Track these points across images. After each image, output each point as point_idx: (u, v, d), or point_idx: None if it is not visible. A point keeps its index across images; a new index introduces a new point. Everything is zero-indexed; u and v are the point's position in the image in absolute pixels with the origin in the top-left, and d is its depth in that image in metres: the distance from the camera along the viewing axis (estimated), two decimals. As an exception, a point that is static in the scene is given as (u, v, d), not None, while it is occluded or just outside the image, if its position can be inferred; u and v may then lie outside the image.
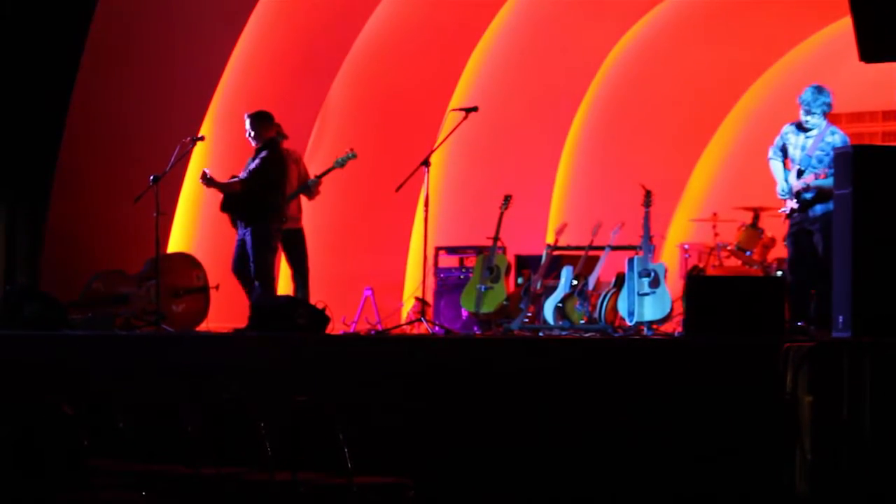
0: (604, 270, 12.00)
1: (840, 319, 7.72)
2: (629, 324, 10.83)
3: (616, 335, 10.49)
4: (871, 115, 14.55)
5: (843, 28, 12.41)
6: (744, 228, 12.37)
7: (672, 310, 10.91)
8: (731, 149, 15.44)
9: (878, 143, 13.92)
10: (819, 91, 9.74)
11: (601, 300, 11.75)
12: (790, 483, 6.89)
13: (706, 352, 7.44)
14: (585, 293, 11.79)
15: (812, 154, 9.71)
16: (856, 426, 6.85)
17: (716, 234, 12.90)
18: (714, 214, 13.11)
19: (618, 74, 15.24)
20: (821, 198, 9.58)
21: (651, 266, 10.88)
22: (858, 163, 7.84)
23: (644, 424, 7.38)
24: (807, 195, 9.68)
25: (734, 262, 12.59)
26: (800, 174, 9.73)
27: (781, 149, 9.93)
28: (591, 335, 10.42)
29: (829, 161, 9.44)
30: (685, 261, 12.74)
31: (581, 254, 12.25)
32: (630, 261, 10.95)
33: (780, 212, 9.97)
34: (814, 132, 9.78)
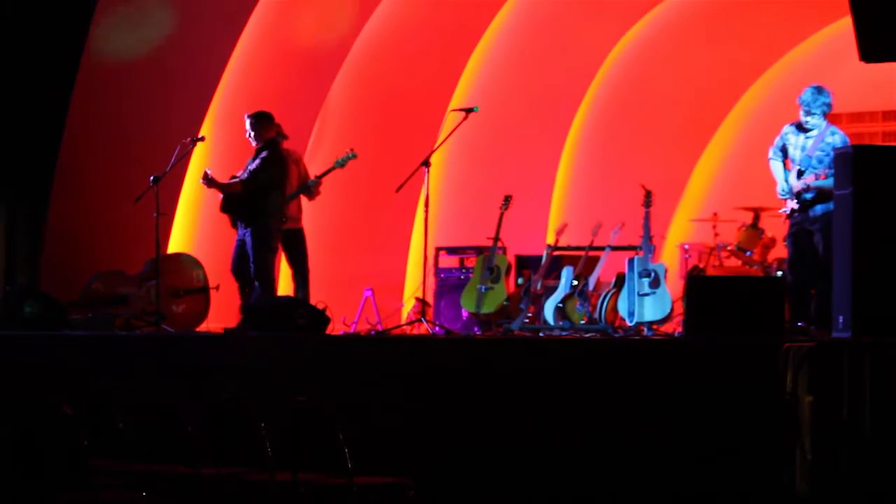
0: (604, 271, 11.99)
1: (840, 319, 7.72)
2: (629, 324, 10.83)
3: (616, 335, 10.49)
4: (872, 116, 14.54)
5: (843, 28, 12.40)
6: (744, 229, 12.37)
7: (672, 310, 10.91)
8: (732, 149, 15.44)
9: (879, 144, 13.92)
10: (819, 91, 9.74)
11: (601, 300, 11.74)
12: (790, 483, 6.89)
13: (706, 352, 7.44)
14: (586, 293, 11.79)
15: (812, 154, 9.71)
16: (856, 426, 6.85)
17: (716, 235, 12.90)
18: (714, 214, 13.11)
19: (618, 74, 15.24)
20: (821, 198, 9.58)
21: (651, 266, 10.88)
22: (858, 163, 7.83)
23: (644, 424, 7.38)
24: (807, 195, 9.68)
25: (734, 263, 12.59)
26: (800, 174, 9.73)
27: (781, 149, 9.93)
28: (592, 335, 10.42)
29: (830, 161, 9.43)
30: (685, 261, 12.74)
31: (581, 254, 12.25)
32: (630, 261, 10.95)
33: (781, 212, 9.97)
34: (814, 132, 9.78)
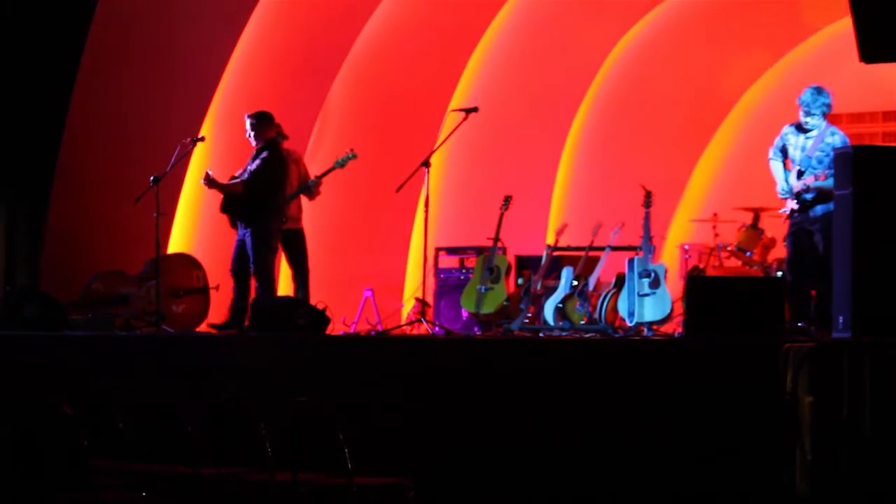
0: (604, 271, 11.99)
1: (840, 319, 7.72)
2: (629, 324, 10.82)
3: (616, 336, 10.49)
4: (872, 116, 14.54)
5: (843, 28, 12.41)
6: (744, 229, 12.37)
7: (672, 310, 10.91)
8: (731, 149, 15.44)
9: (879, 144, 13.92)
10: (818, 92, 9.74)
11: (601, 301, 11.74)
12: (790, 483, 6.89)
13: (706, 352, 7.44)
14: (586, 294, 11.79)
15: (812, 155, 9.71)
16: (856, 426, 6.85)
17: (716, 235, 12.90)
18: (714, 215, 13.11)
19: (618, 74, 15.24)
20: (821, 198, 9.58)
21: (651, 266, 10.88)
22: (858, 163, 7.84)
23: (644, 424, 7.38)
24: (807, 196, 9.68)
25: (734, 263, 12.59)
26: (800, 175, 9.73)
27: (781, 149, 9.93)
28: (592, 336, 10.42)
29: (829, 162, 9.43)
30: (685, 261, 12.74)
31: (581, 254, 12.24)
32: (630, 261, 10.95)
33: (781, 212, 9.97)
34: (814, 133, 9.78)
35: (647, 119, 15.22)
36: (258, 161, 10.84)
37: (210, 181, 10.85)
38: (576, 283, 11.89)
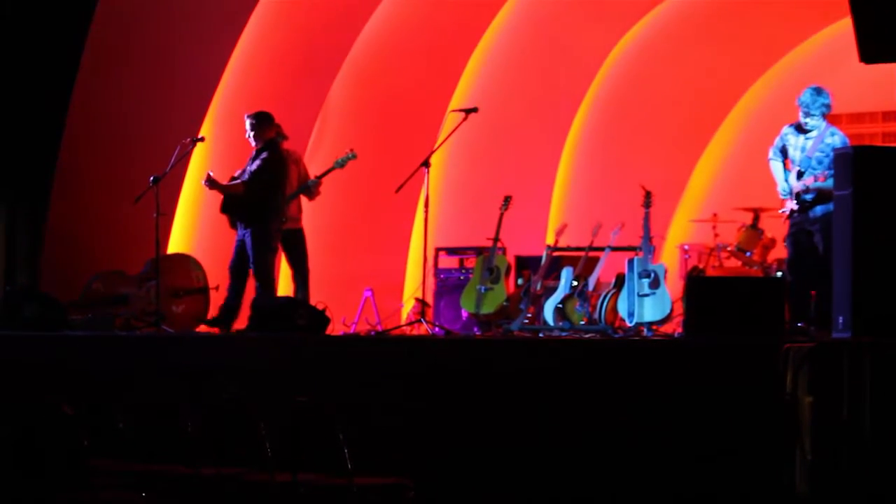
0: (604, 271, 11.99)
1: (840, 320, 7.72)
2: (629, 325, 10.82)
3: (616, 336, 10.49)
4: (871, 116, 14.53)
5: (843, 28, 12.41)
6: (744, 229, 12.37)
7: (672, 310, 10.91)
8: (731, 149, 15.44)
9: (878, 144, 13.92)
10: (818, 92, 9.74)
11: (601, 301, 11.74)
12: (790, 483, 6.89)
13: (706, 352, 7.44)
14: (585, 294, 11.79)
15: (812, 155, 9.71)
16: (856, 426, 6.85)
17: (716, 235, 12.89)
18: (714, 215, 13.10)
19: (618, 74, 15.24)
20: (821, 199, 9.58)
21: (651, 267, 10.88)
22: (858, 164, 7.84)
23: (644, 424, 7.38)
24: (807, 196, 9.68)
25: (734, 263, 12.58)
26: (800, 175, 9.73)
27: (781, 150, 9.94)
28: (592, 336, 10.42)
29: (829, 162, 9.43)
30: (685, 261, 12.74)
31: (581, 255, 12.24)
32: (630, 261, 10.95)
33: (780, 212, 9.97)
34: (813, 133, 9.78)
35: (647, 119, 15.22)
36: (258, 161, 10.84)
37: (211, 182, 10.84)
38: (576, 284, 11.89)
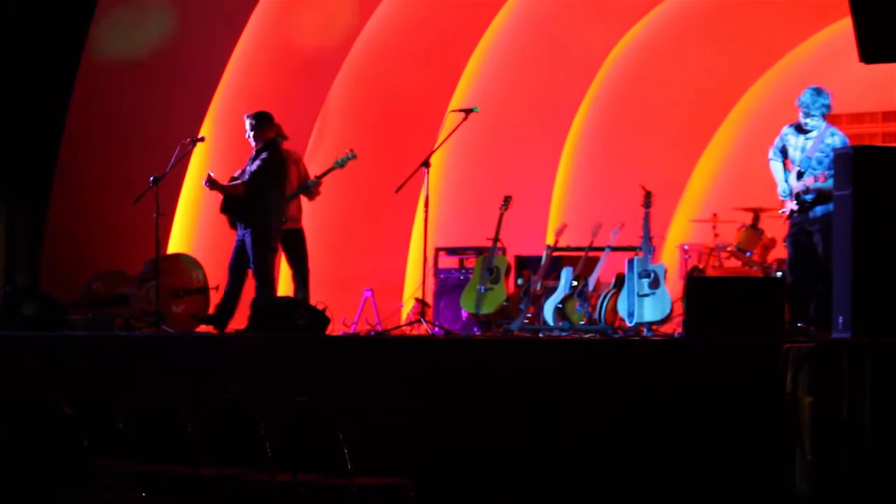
0: (604, 271, 11.99)
1: (840, 320, 7.72)
2: (629, 325, 10.82)
3: (616, 336, 10.49)
4: (871, 116, 14.53)
5: (843, 28, 12.40)
6: (744, 229, 12.37)
7: (672, 310, 10.92)
8: (731, 149, 15.43)
9: (878, 144, 13.91)
10: (818, 93, 9.74)
11: (601, 301, 11.74)
12: (790, 483, 6.89)
13: (706, 352, 7.44)
14: (585, 294, 11.79)
15: (812, 155, 9.71)
16: (856, 426, 6.85)
17: (716, 235, 12.90)
18: (714, 215, 13.10)
19: (618, 74, 15.23)
20: (821, 199, 9.58)
21: (651, 267, 10.88)
22: (858, 164, 7.84)
23: (644, 424, 7.38)
24: (807, 197, 9.68)
25: (734, 263, 12.58)
26: (800, 176, 9.73)
27: (781, 150, 9.94)
28: (591, 336, 10.42)
29: (829, 162, 9.43)
30: (685, 261, 12.74)
31: (581, 255, 12.24)
32: (630, 261, 10.95)
33: (780, 213, 9.97)
34: (813, 134, 9.78)
35: (647, 119, 15.21)
36: (258, 161, 10.84)
37: (212, 183, 10.84)
38: (575, 284, 11.89)
